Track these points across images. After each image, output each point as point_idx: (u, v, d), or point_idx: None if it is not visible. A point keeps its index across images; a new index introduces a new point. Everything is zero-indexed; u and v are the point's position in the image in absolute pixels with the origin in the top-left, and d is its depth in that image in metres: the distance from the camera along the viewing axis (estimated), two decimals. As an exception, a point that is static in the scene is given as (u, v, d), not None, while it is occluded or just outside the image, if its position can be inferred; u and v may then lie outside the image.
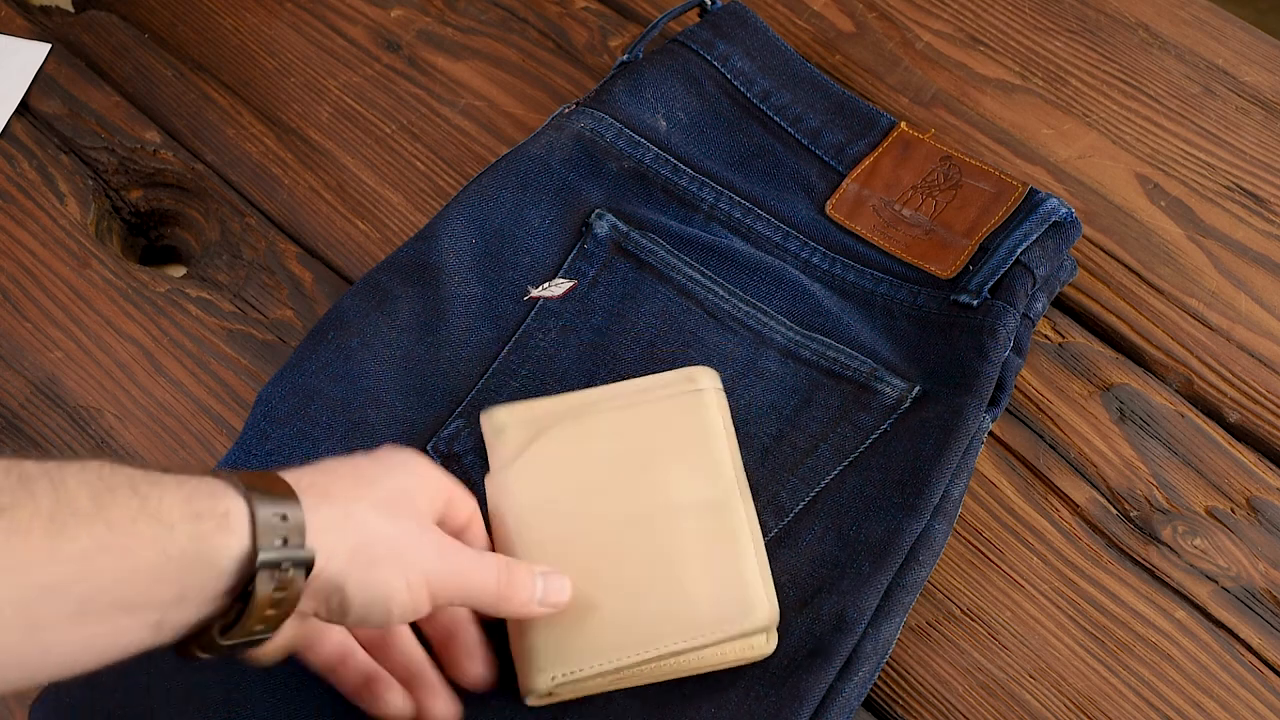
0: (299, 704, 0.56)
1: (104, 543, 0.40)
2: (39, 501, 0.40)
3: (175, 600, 0.43)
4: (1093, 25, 0.81)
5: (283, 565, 0.44)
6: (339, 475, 0.49)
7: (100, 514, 0.41)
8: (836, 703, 0.56)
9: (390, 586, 0.48)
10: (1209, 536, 0.64)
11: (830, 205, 0.71)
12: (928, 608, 0.62)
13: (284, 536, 0.44)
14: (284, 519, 0.44)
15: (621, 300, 0.68)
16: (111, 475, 0.42)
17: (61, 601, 0.40)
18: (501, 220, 0.69)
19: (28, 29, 0.82)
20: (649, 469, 0.58)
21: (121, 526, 0.41)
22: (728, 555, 0.56)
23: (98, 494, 0.41)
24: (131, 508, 0.41)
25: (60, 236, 0.74)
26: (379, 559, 0.47)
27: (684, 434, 0.59)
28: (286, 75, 0.80)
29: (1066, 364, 0.69)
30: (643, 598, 0.55)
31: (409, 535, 0.49)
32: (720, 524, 0.57)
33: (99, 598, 0.41)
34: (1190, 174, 0.75)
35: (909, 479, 0.61)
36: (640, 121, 0.73)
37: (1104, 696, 0.59)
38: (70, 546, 0.40)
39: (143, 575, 0.41)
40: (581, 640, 0.54)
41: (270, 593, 0.44)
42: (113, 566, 0.41)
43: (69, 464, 0.42)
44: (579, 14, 0.83)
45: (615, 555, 0.56)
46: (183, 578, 0.42)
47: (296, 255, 0.73)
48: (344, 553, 0.46)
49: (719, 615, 0.55)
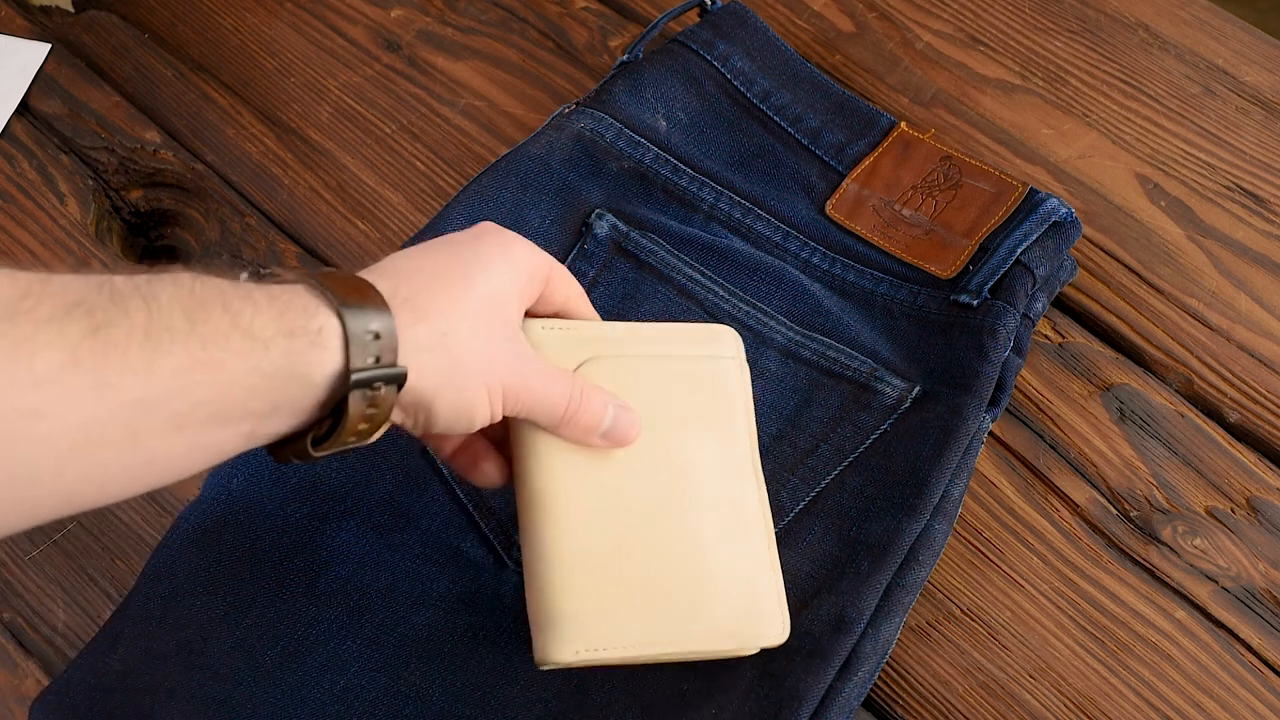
0: (299, 704, 0.56)
1: (199, 359, 0.41)
2: (134, 318, 0.40)
3: (269, 412, 0.43)
4: (1093, 25, 0.81)
5: (375, 383, 0.44)
6: (435, 279, 0.48)
7: (194, 330, 0.41)
8: (836, 703, 0.56)
9: (476, 401, 0.48)
10: (1209, 536, 0.64)
11: (830, 205, 0.71)
12: (928, 608, 0.62)
13: (377, 355, 0.44)
14: (377, 337, 0.44)
15: (621, 300, 0.68)
16: (203, 290, 0.42)
17: (159, 416, 0.40)
18: (501, 220, 0.69)
19: (28, 29, 0.82)
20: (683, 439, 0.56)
21: (216, 342, 0.41)
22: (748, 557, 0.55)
23: (190, 310, 0.41)
24: (224, 324, 0.41)
25: (60, 236, 0.74)
26: (468, 375, 0.48)
27: (709, 410, 0.57)
28: (286, 75, 0.80)
29: (1066, 364, 0.69)
30: (667, 591, 0.54)
31: (496, 346, 0.49)
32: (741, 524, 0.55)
33: (195, 412, 0.41)
34: (1190, 174, 0.75)
35: (909, 479, 0.61)
36: (640, 121, 0.73)
37: (1104, 696, 0.59)
38: (166, 363, 0.40)
39: (238, 390, 0.42)
40: (610, 620, 0.52)
41: (363, 409, 0.44)
42: (208, 382, 0.41)
43: (160, 278, 0.42)
44: (579, 14, 0.83)
45: (643, 539, 0.54)
46: (276, 392, 0.43)
47: (296, 255, 0.73)
48: (436, 373, 0.47)
49: (734, 628, 0.54)
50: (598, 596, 0.52)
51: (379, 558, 0.60)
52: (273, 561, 0.59)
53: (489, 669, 0.57)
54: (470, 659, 0.58)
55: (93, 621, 0.62)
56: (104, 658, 0.57)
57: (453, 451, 0.55)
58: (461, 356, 0.47)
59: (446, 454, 0.55)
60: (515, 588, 0.59)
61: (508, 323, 0.50)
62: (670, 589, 0.53)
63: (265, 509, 0.60)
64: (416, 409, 0.48)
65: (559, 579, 0.52)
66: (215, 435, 0.42)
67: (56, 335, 0.38)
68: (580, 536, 0.53)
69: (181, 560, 0.59)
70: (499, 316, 0.50)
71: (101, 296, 0.40)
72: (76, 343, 0.39)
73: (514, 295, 0.51)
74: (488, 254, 0.50)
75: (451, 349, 0.47)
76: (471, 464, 0.55)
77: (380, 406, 0.45)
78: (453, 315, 0.48)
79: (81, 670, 0.57)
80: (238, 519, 0.60)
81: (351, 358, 0.43)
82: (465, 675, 0.57)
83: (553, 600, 0.52)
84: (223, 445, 0.43)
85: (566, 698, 0.57)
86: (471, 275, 0.49)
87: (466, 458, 0.55)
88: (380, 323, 0.45)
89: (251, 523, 0.60)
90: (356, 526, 0.60)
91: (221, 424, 0.42)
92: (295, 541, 0.60)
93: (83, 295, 0.40)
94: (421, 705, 0.57)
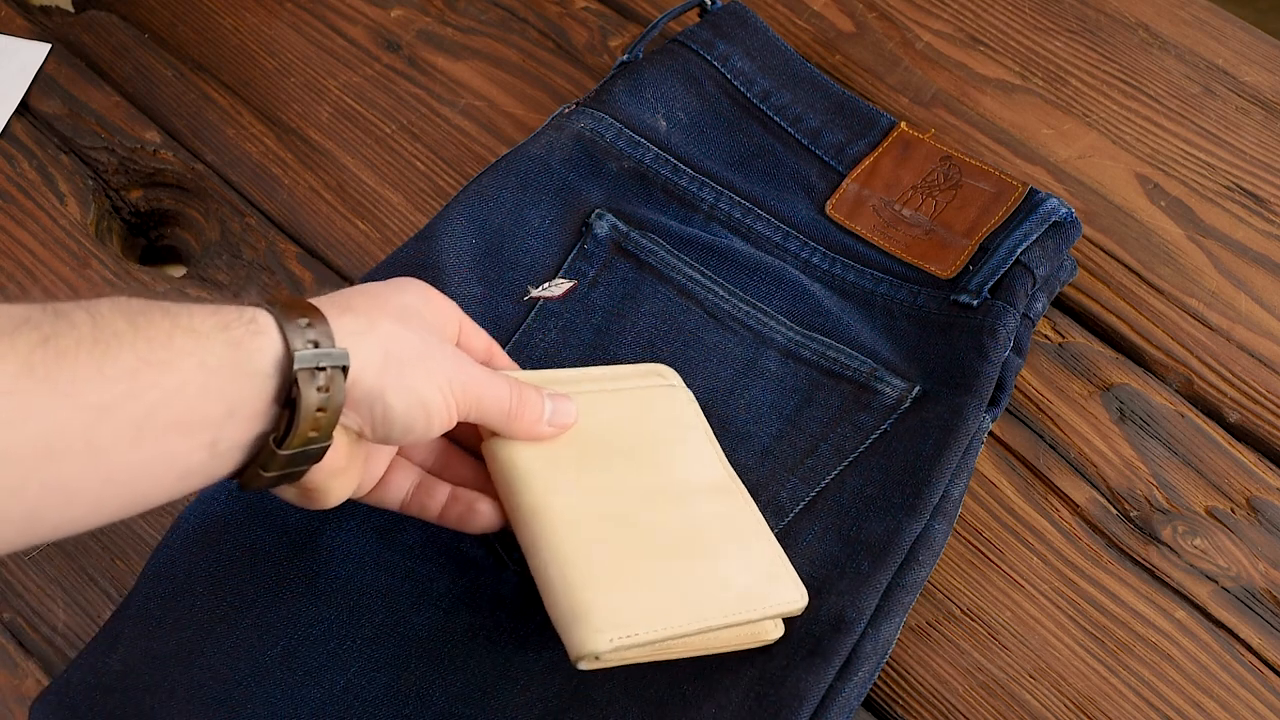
0: (299, 703, 0.56)
1: (146, 359, 0.42)
2: (80, 329, 0.41)
3: (225, 415, 0.44)
4: (1093, 25, 0.81)
5: (320, 365, 0.45)
6: (355, 293, 0.51)
7: (139, 333, 0.42)
8: (836, 703, 0.56)
9: (426, 393, 0.49)
10: (1209, 536, 0.64)
11: (830, 205, 0.71)
12: (928, 608, 0.62)
13: (314, 340, 0.46)
14: (310, 325, 0.46)
15: (621, 300, 0.68)
16: (140, 302, 0.44)
17: (116, 422, 0.41)
18: (501, 220, 0.69)
19: (28, 29, 0.82)
20: (651, 450, 0.58)
21: (160, 342, 0.42)
22: (752, 534, 0.57)
23: (131, 316, 0.43)
24: (165, 324, 0.43)
25: (60, 236, 0.74)
26: (409, 364, 0.49)
27: (672, 423, 0.59)
28: (286, 75, 0.80)
29: (1066, 364, 0.69)
30: (683, 570, 0.54)
31: (431, 344, 0.51)
32: (734, 507, 0.58)
33: (152, 417, 0.42)
34: (1190, 174, 0.75)
35: (909, 479, 0.61)
36: (640, 121, 0.73)
37: (1104, 696, 0.59)
38: (116, 365, 0.41)
39: (190, 389, 0.43)
40: (635, 605, 0.52)
41: (314, 394, 0.45)
42: (158, 383, 0.42)
43: (99, 299, 0.43)
44: (579, 14, 0.83)
45: (646, 529, 0.55)
46: (226, 389, 0.44)
47: (296, 255, 0.73)
48: (377, 359, 0.48)
49: (764, 591, 0.55)
50: (619, 582, 0.52)
51: (379, 558, 0.60)
52: (273, 561, 0.59)
53: (489, 669, 0.57)
54: (470, 659, 0.58)
55: (93, 621, 0.62)
56: (104, 658, 0.57)
57: (441, 509, 0.56)
58: (395, 347, 0.49)
59: (435, 512, 0.56)
60: (515, 588, 0.59)
61: (434, 329, 0.52)
62: (687, 565, 0.54)
63: (265, 509, 0.60)
64: (370, 404, 0.48)
65: (575, 574, 0.52)
66: (177, 446, 0.43)
67: (7, 348, 0.40)
68: (584, 532, 0.54)
69: (181, 560, 0.59)
70: (424, 324, 0.51)
71: (46, 314, 0.41)
72: (28, 353, 0.40)
73: (432, 315, 0.52)
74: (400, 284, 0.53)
75: (383, 337, 0.49)
76: (467, 510, 0.56)
77: (331, 390, 0.46)
78: (377, 311, 0.50)
79: (81, 670, 0.57)
80: (238, 519, 0.60)
81: (289, 339, 0.45)
82: (465, 675, 0.57)
83: (575, 594, 0.51)
84: (187, 459, 0.44)
85: (566, 698, 0.57)
86: (389, 294, 0.52)
87: (459, 508, 0.56)
88: (310, 315, 0.46)
89: (251, 523, 0.60)
90: (356, 527, 0.60)
91: (181, 432, 0.43)
92: (295, 541, 0.60)
93: (28, 314, 0.41)
94: (421, 705, 0.57)
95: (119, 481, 0.42)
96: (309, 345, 0.45)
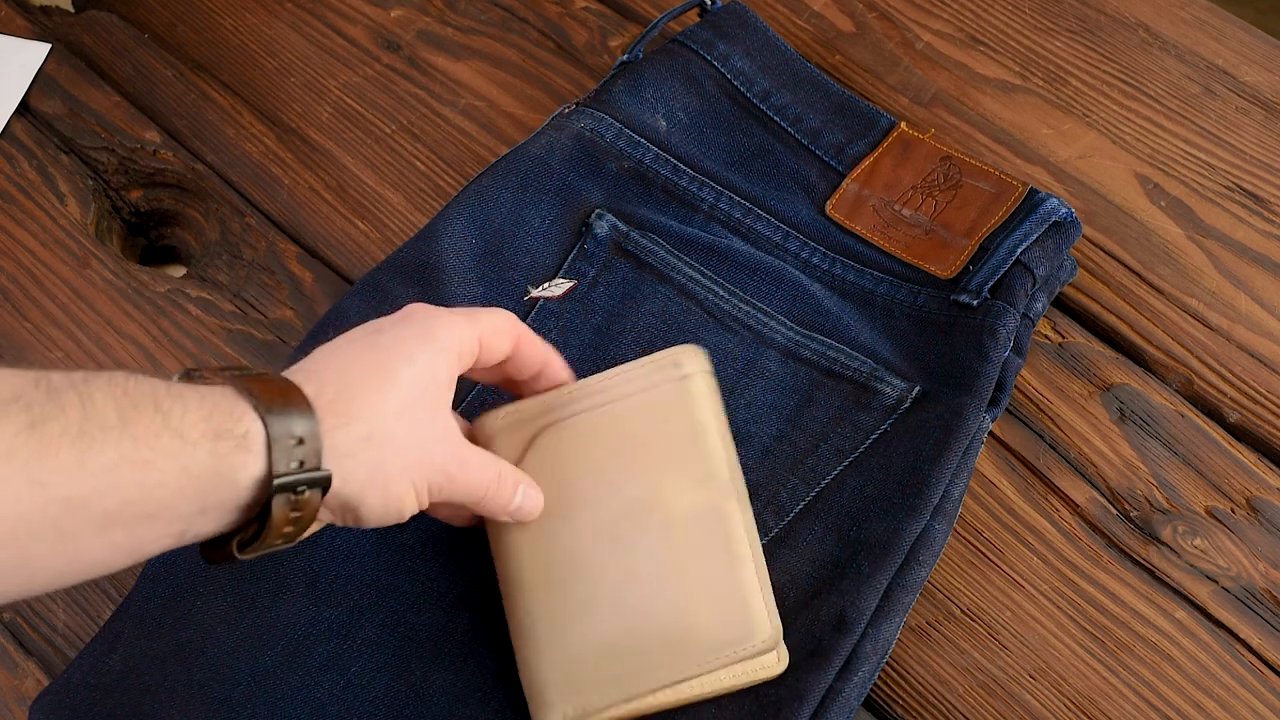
0: (299, 703, 0.56)
1: (129, 457, 0.42)
2: (68, 415, 0.41)
3: (197, 513, 0.44)
4: (1093, 25, 0.81)
5: (298, 488, 0.45)
6: (360, 377, 0.49)
7: (126, 429, 0.42)
8: (836, 703, 0.56)
9: (402, 492, 0.49)
10: (1209, 536, 0.64)
11: (830, 205, 0.71)
12: (928, 608, 0.62)
13: (301, 459, 0.45)
14: (300, 442, 0.45)
15: (621, 300, 0.68)
16: (136, 389, 0.43)
17: (88, 514, 0.41)
18: (501, 220, 0.69)
19: (28, 29, 0.82)
20: (640, 477, 0.56)
21: (145, 441, 0.42)
22: (726, 572, 0.55)
23: (123, 409, 0.42)
24: (155, 424, 0.42)
25: (60, 236, 0.74)
26: (394, 474, 0.49)
27: (673, 432, 0.57)
28: (286, 75, 0.80)
29: (1066, 364, 0.69)
30: (645, 625, 0.54)
31: (422, 439, 0.50)
32: (717, 536, 0.55)
33: (124, 510, 0.42)
34: (1190, 174, 0.75)
35: (909, 479, 0.61)
36: (640, 121, 0.73)
37: (1104, 696, 0.59)
38: (97, 460, 0.41)
39: (167, 489, 0.43)
40: (589, 673, 0.54)
41: (287, 512, 0.45)
42: (137, 481, 0.42)
43: (95, 376, 0.43)
44: (579, 14, 0.83)
45: (615, 579, 0.55)
46: (204, 493, 0.44)
47: (296, 255, 0.73)
48: (362, 476, 0.48)
49: (722, 640, 0.54)
50: (575, 658, 0.54)
51: (379, 557, 0.60)
52: (273, 561, 0.59)
53: (490, 669, 0.57)
54: (471, 659, 0.58)
55: (93, 621, 0.62)
56: (104, 658, 0.57)
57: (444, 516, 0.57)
58: (386, 457, 0.48)
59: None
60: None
61: (436, 407, 0.51)
62: (647, 624, 0.54)
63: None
64: (344, 510, 0.49)
65: (534, 650, 0.55)
66: (144, 535, 0.43)
67: None
68: (546, 603, 0.55)
69: (181, 560, 0.59)
70: (426, 405, 0.50)
71: (39, 392, 0.41)
72: (12, 436, 0.40)
73: (440, 380, 0.51)
74: (410, 343, 0.51)
75: (376, 451, 0.48)
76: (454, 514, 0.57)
77: (305, 510, 0.46)
78: (377, 416, 0.48)
79: (81, 670, 0.57)
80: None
81: (275, 462, 0.44)
82: (466, 675, 0.57)
83: (533, 672, 0.55)
84: (152, 545, 0.44)
85: None
86: (396, 369, 0.50)
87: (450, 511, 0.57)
88: (304, 427, 0.45)
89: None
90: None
91: (150, 524, 0.43)
92: (295, 541, 0.60)
93: (20, 390, 0.41)
94: (422, 705, 0.57)
95: (81, 561, 0.43)
96: (295, 466, 0.45)
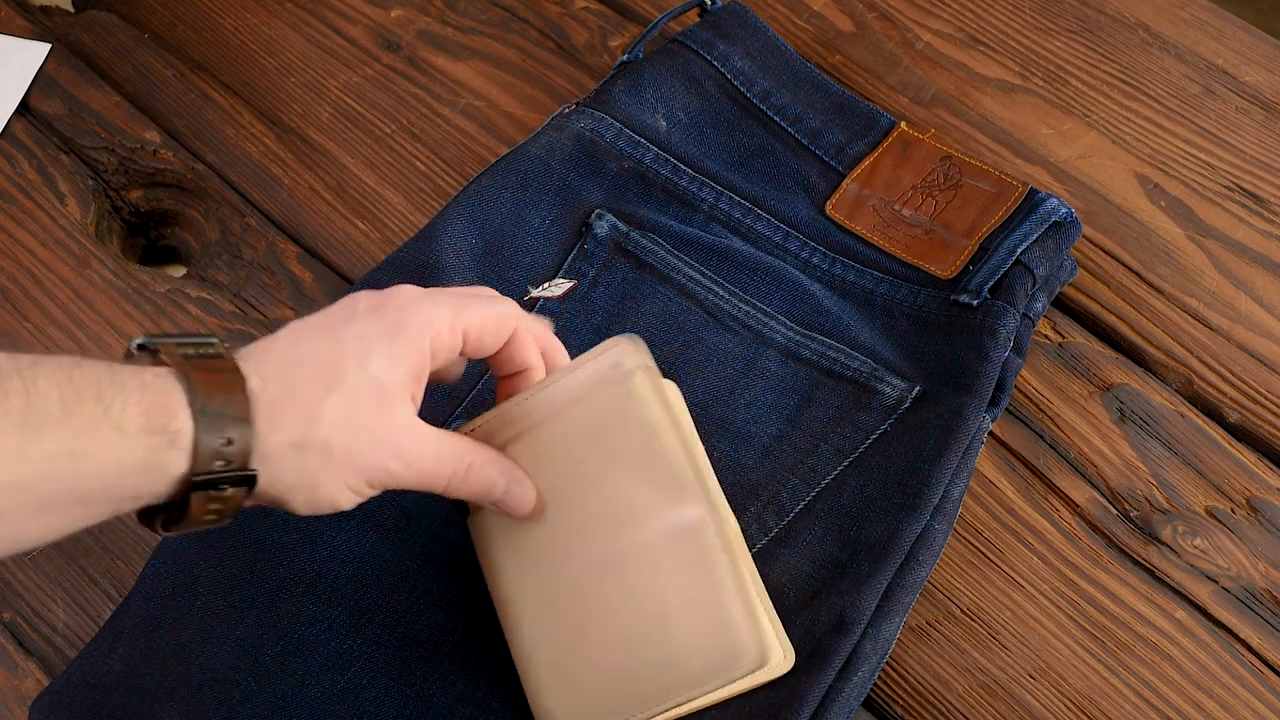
0: (300, 704, 0.56)
1: (69, 447, 0.42)
2: (11, 401, 0.42)
3: (129, 499, 0.45)
4: (1093, 25, 0.81)
5: (219, 485, 0.46)
6: (307, 375, 0.48)
7: (67, 420, 0.43)
8: (836, 703, 0.56)
9: (336, 498, 0.49)
10: (1209, 536, 0.64)
11: (830, 205, 0.71)
12: (928, 608, 0.62)
13: (227, 459, 0.45)
14: (230, 443, 0.45)
15: (621, 300, 0.68)
16: (81, 376, 0.44)
17: (24, 498, 0.42)
18: (501, 220, 0.69)
19: (28, 29, 0.82)
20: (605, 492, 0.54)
21: (86, 433, 0.43)
22: (704, 592, 0.53)
23: (66, 398, 0.43)
24: (95, 415, 0.43)
25: (60, 236, 0.74)
26: (325, 480, 0.48)
27: (627, 437, 0.53)
28: (286, 75, 0.80)
29: (1066, 364, 0.69)
30: (635, 653, 0.53)
31: (364, 444, 0.49)
32: (690, 552, 0.53)
33: (61, 496, 0.43)
34: (1190, 174, 0.75)
35: (909, 479, 0.61)
36: (640, 121, 0.73)
37: (1104, 696, 0.59)
38: (38, 448, 0.42)
39: (103, 479, 0.44)
40: (593, 701, 0.54)
41: (206, 505, 0.46)
42: (75, 470, 0.43)
43: (43, 361, 0.43)
44: (579, 14, 0.83)
45: (602, 607, 0.54)
46: (137, 485, 0.45)
47: (296, 255, 0.73)
48: (290, 477, 0.48)
49: (709, 665, 0.53)
50: (570, 686, 0.55)
51: (380, 558, 0.60)
52: (274, 561, 0.59)
53: (491, 670, 0.57)
54: (472, 660, 0.58)
55: (93, 621, 0.62)
56: (104, 658, 0.57)
57: None
58: (316, 465, 0.48)
59: None
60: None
61: (386, 408, 0.49)
62: (637, 651, 0.54)
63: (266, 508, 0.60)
64: (272, 503, 0.49)
65: (533, 679, 0.55)
66: (76, 516, 0.45)
67: None
68: (539, 631, 0.55)
69: (181, 560, 0.59)
70: (371, 408, 0.49)
71: None
72: None
73: (397, 379, 0.50)
74: (371, 341, 0.49)
75: (306, 459, 0.48)
76: None
77: (226, 504, 0.47)
78: (314, 424, 0.47)
79: (81, 670, 0.57)
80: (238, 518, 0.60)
81: (199, 461, 0.45)
82: (467, 676, 0.57)
83: (534, 700, 0.55)
84: (84, 524, 0.45)
85: None
86: (345, 373, 0.48)
87: None
88: (236, 429, 0.45)
89: (252, 523, 0.60)
90: (357, 526, 0.60)
91: (84, 507, 0.44)
92: (296, 541, 0.60)
93: None
94: (423, 705, 0.57)
95: (15, 539, 0.44)
96: (219, 465, 0.45)
